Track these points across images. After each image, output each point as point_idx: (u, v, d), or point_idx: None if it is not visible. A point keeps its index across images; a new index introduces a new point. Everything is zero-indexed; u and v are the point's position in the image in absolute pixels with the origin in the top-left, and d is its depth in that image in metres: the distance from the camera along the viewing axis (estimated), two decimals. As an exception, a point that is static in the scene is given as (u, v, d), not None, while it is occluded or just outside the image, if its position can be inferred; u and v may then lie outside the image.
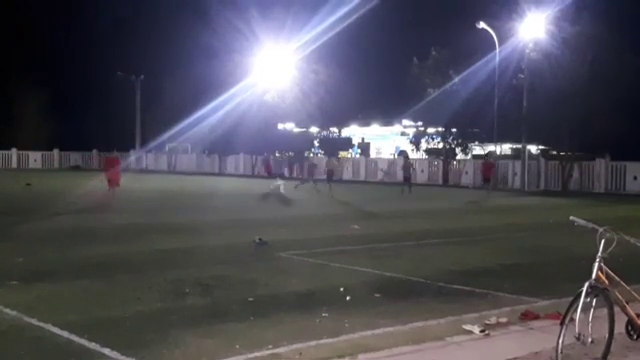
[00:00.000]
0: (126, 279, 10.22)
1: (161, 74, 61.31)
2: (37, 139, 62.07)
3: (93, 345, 6.64)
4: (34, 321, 7.52)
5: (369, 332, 7.14)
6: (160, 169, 62.11)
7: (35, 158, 63.93)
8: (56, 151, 65.43)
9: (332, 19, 45.33)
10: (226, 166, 59.57)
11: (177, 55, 59.13)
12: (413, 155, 51.89)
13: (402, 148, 58.98)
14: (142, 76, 63.14)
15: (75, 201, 24.49)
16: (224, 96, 49.24)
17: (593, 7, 36.38)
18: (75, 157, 67.05)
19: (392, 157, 55.34)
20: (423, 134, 50.64)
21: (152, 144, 58.58)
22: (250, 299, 8.84)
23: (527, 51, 39.41)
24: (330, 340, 6.82)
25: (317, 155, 44.45)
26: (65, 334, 7.03)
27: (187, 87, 56.72)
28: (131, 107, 63.85)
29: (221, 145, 56.22)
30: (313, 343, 6.69)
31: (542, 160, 41.91)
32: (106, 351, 6.46)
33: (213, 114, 50.25)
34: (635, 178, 37.03)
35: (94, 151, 66.89)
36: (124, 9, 66.11)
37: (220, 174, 56.36)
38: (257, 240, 14.13)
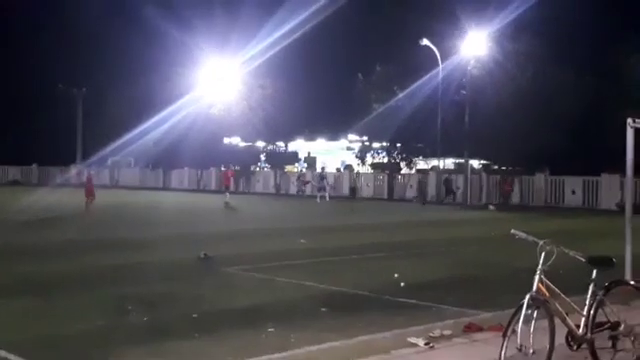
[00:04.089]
0: (68, 297, 9.97)
1: (104, 87, 60.29)
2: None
3: (33, 365, 6.46)
4: (-30, 341, 7.28)
5: (315, 347, 7.13)
6: (102, 183, 60.85)
7: (-29, 172, 62.01)
8: (-6, 165, 63.57)
9: (279, 33, 45.46)
10: (171, 180, 58.79)
11: (120, 68, 58.26)
12: (358, 169, 52.34)
13: (348, 162, 59.39)
14: (84, 89, 61.95)
15: (14, 217, 23.81)
16: (169, 109, 48.73)
17: (532, 26, 37.49)
18: (13, 171, 65.19)
19: (337, 172, 55.63)
20: (368, 149, 51.11)
21: (94, 158, 57.40)
22: (195, 315, 8.74)
23: (469, 68, 40.26)
24: (276, 355, 6.78)
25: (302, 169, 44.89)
26: (3, 353, 6.82)
27: (131, 100, 55.93)
28: (72, 120, 62.52)
29: (166, 159, 55.56)
30: (260, 359, 6.64)
31: (484, 174, 42.71)
32: (46, 371, 6.30)
33: (157, 127, 49.66)
34: (573, 192, 37.99)
35: (34, 165, 65.17)
36: (65, 21, 64.80)
37: (164, 189, 55.61)
38: (202, 255, 14.00)
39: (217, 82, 50.62)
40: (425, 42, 41.52)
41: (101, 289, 10.48)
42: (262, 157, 58.81)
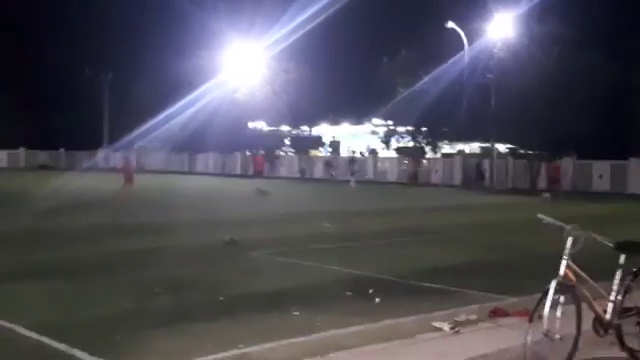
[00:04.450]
0: (95, 280, 10.11)
1: (130, 72, 60.69)
2: (3, 138, 61.02)
3: (63, 346, 6.57)
4: (2, 322, 7.42)
5: (341, 330, 7.14)
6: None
7: (1, 157, 62.91)
8: (22, 150, 64.41)
9: (302, 18, 45.32)
10: (196, 164, 59.19)
11: (146, 53, 58.48)
12: (384, 154, 52.19)
13: (373, 147, 59.20)
14: (110, 74, 62.44)
15: (42, 201, 24.12)
16: (194, 94, 48.94)
17: (559, 8, 36.88)
18: (42, 156, 66.07)
19: (362, 156, 55.54)
20: (393, 133, 50.91)
21: (120, 142, 57.92)
22: (221, 299, 8.81)
23: (495, 50, 39.82)
24: (301, 339, 6.80)
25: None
26: (34, 335, 6.95)
27: (156, 85, 56.26)
28: (99, 105, 63.12)
29: (191, 143, 55.88)
30: (284, 342, 6.68)
31: (510, 159, 42.35)
32: (75, 352, 6.40)
33: (183, 112, 49.92)
34: (601, 177, 37.58)
35: (62, 150, 65.97)
36: (93, 6, 65.22)
37: (190, 172, 56.01)
38: (228, 239, 14.08)
39: (241, 66, 50.67)
40: (451, 25, 41.15)
41: (126, 273, 10.61)
42: (286, 141, 58.86)
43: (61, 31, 63.84)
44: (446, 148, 52.52)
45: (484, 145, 48.77)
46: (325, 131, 66.79)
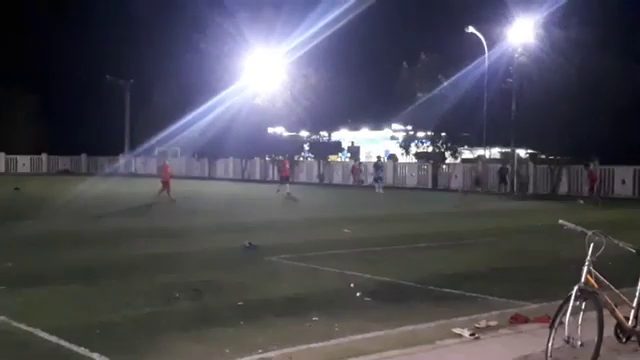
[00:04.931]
0: (115, 284, 10.17)
1: (151, 78, 61.10)
2: (26, 143, 61.77)
3: (82, 350, 6.61)
4: (23, 326, 7.48)
5: (359, 336, 7.14)
6: (149, 173, 61.89)
7: (24, 162, 63.60)
8: (44, 155, 65.09)
9: (322, 23, 45.34)
10: (216, 170, 59.43)
11: (167, 59, 58.86)
12: (403, 159, 52.06)
13: (392, 152, 59.16)
14: (131, 80, 62.93)
15: (64, 205, 24.35)
16: (214, 100, 49.12)
17: (581, 12, 36.56)
18: (64, 161, 66.74)
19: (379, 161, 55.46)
20: (413, 138, 50.77)
21: (141, 148, 58.37)
22: (240, 303, 8.82)
23: (516, 55, 39.60)
24: (320, 344, 6.81)
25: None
26: (54, 339, 6.99)
27: (177, 91, 56.58)
28: (120, 111, 63.60)
29: (211, 149, 56.12)
30: (303, 347, 6.68)
31: (531, 164, 42.05)
32: (95, 356, 6.44)
33: (203, 118, 50.13)
34: (623, 182, 37.18)
35: (83, 155, 66.59)
36: (114, 12, 65.94)
37: (210, 178, 56.26)
38: (247, 244, 14.11)
39: (261, 72, 50.79)
40: (471, 29, 40.99)
41: (148, 276, 10.66)
42: (306, 147, 58.92)
43: (83, 37, 64.60)
44: (466, 153, 52.24)
45: (504, 150, 48.44)
46: (344, 136, 66.82)
